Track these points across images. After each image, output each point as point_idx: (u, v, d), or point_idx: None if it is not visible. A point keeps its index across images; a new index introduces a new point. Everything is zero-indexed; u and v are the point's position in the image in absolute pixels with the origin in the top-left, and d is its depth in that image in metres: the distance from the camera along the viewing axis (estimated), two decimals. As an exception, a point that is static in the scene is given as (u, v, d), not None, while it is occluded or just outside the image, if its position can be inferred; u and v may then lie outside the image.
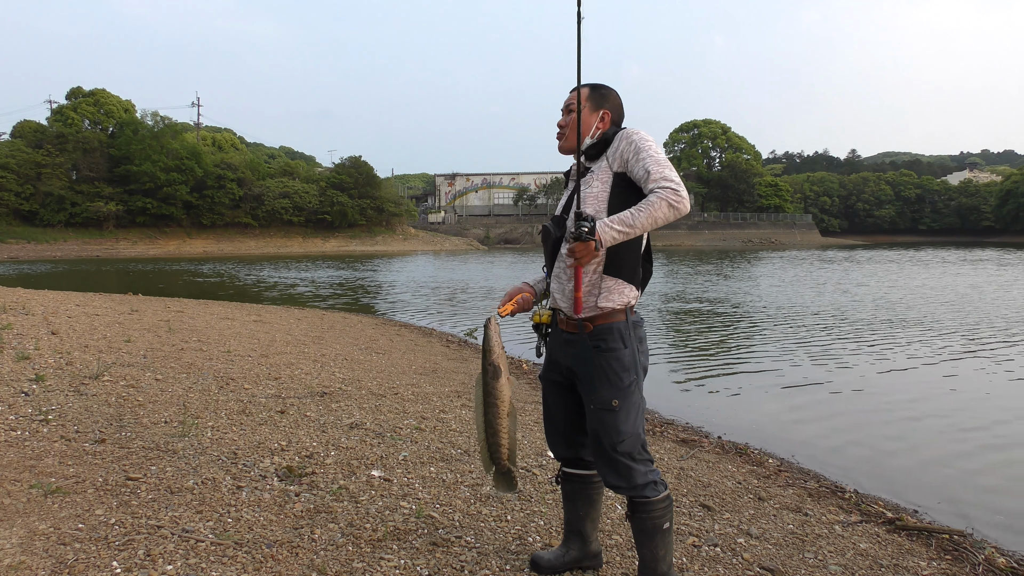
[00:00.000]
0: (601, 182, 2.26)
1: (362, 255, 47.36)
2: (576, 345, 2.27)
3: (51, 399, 4.46)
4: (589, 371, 2.23)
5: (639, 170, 2.16)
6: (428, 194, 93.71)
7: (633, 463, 2.22)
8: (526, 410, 5.38)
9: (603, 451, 2.24)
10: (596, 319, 2.23)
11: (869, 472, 4.57)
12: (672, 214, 2.09)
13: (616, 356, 2.21)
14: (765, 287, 19.65)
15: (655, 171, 2.12)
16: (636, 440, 2.23)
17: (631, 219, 2.10)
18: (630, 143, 2.22)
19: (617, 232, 2.10)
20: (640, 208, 2.10)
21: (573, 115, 2.34)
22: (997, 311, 13.22)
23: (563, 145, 2.40)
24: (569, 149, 2.38)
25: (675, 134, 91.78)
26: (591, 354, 2.22)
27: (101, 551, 2.45)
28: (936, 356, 8.70)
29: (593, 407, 2.23)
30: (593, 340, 2.22)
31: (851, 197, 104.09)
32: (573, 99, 2.36)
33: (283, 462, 3.57)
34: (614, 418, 2.20)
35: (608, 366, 2.21)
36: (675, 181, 2.11)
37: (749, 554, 2.91)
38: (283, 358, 7.01)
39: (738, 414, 6.06)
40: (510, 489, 2.42)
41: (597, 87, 2.38)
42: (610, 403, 2.20)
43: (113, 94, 63.16)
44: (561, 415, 2.43)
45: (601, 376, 2.21)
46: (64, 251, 48.14)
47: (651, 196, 2.10)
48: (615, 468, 2.23)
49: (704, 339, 10.35)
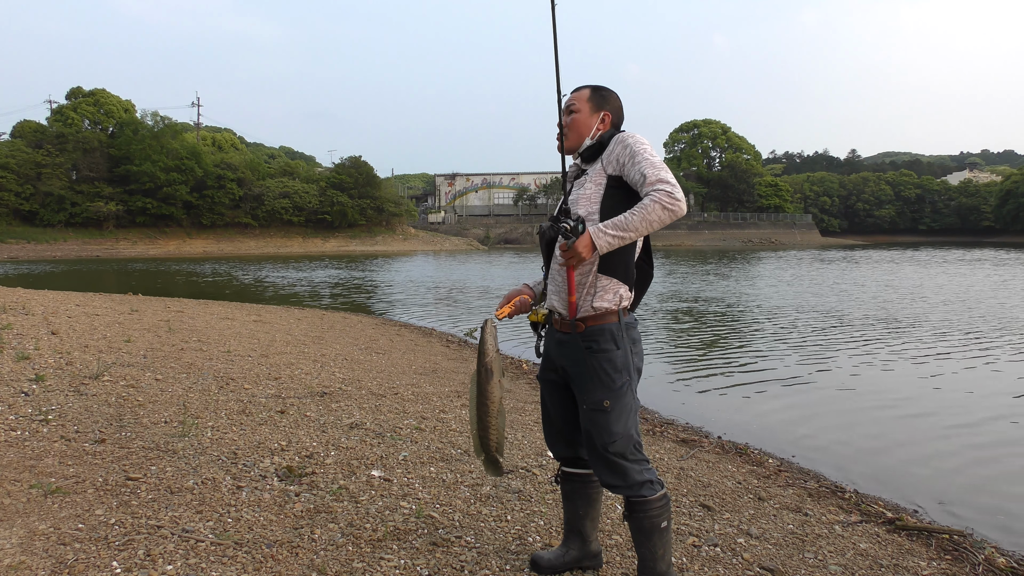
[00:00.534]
0: (595, 184, 2.27)
1: (362, 255, 47.35)
2: (569, 345, 2.28)
3: (51, 399, 4.46)
4: (581, 371, 2.25)
5: (635, 174, 2.16)
6: (428, 194, 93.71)
7: (627, 463, 2.23)
8: (526, 410, 5.38)
9: (596, 451, 2.26)
10: (588, 320, 2.23)
11: (869, 472, 4.57)
12: (667, 216, 2.08)
13: (608, 357, 2.22)
14: (764, 287, 19.65)
15: (651, 174, 2.12)
16: (628, 441, 2.23)
17: (625, 222, 2.09)
18: (625, 147, 2.22)
19: (612, 236, 2.10)
20: (634, 211, 2.10)
21: (574, 116, 2.35)
22: (998, 311, 13.22)
23: (563, 145, 2.40)
24: (570, 149, 2.39)
25: (675, 134, 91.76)
26: (583, 355, 2.23)
27: (101, 551, 2.45)
28: (936, 356, 8.70)
29: (586, 407, 2.25)
30: (585, 341, 2.23)
31: (851, 197, 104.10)
32: (574, 100, 2.37)
33: (283, 462, 3.57)
34: (605, 418, 2.21)
35: (600, 367, 2.21)
36: (671, 183, 2.10)
37: (749, 554, 2.91)
38: (283, 358, 7.01)
39: (738, 414, 6.06)
40: (497, 473, 2.49)
41: (598, 88, 2.39)
42: (602, 404, 2.21)
43: (113, 94, 63.18)
44: (559, 414, 2.44)
45: (593, 377, 2.22)
46: (64, 251, 48.13)
47: (645, 199, 2.10)
48: (610, 467, 2.25)
49: (703, 339, 10.35)
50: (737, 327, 11.58)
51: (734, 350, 9.33)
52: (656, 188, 2.09)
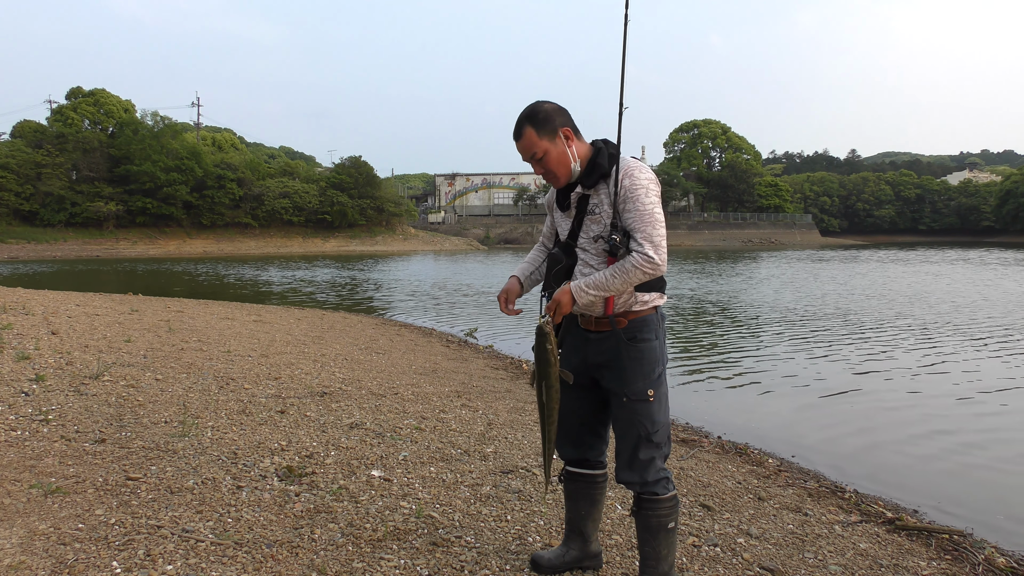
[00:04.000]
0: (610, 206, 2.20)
1: (362, 255, 47.35)
2: (605, 341, 2.26)
3: (51, 399, 4.46)
4: (622, 364, 2.24)
5: (627, 219, 2.16)
6: (428, 194, 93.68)
7: (659, 453, 2.26)
8: (526, 410, 5.38)
9: (633, 442, 2.25)
10: (629, 314, 2.25)
11: (869, 472, 4.58)
12: (647, 278, 2.15)
13: (650, 347, 2.25)
14: (764, 287, 19.65)
15: (640, 231, 2.13)
16: (667, 429, 2.29)
17: (606, 283, 2.15)
18: (624, 188, 2.17)
19: (592, 296, 2.16)
20: (615, 274, 2.14)
21: (545, 159, 2.23)
22: (1000, 311, 13.22)
23: (560, 183, 2.30)
24: (568, 180, 2.29)
25: (675, 134, 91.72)
26: (625, 347, 2.23)
27: (101, 551, 2.45)
28: (936, 356, 8.70)
29: (626, 399, 2.24)
30: (628, 333, 2.24)
31: (851, 197, 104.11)
32: (529, 147, 2.22)
33: (283, 462, 3.57)
34: (649, 408, 2.23)
35: (643, 356, 2.23)
36: (654, 244, 2.11)
37: (749, 554, 2.91)
38: (283, 358, 7.01)
39: (738, 414, 6.06)
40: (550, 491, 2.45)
41: (533, 117, 2.21)
42: (645, 393, 2.23)
43: (113, 94, 63.12)
44: (576, 416, 2.42)
45: (635, 367, 2.23)
46: (64, 251, 48.13)
47: (627, 261, 2.13)
48: (639, 460, 2.25)
49: (703, 339, 10.35)
50: (737, 327, 11.58)
51: (733, 350, 9.33)
52: (639, 250, 2.11)
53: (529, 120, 2.21)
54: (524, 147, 2.23)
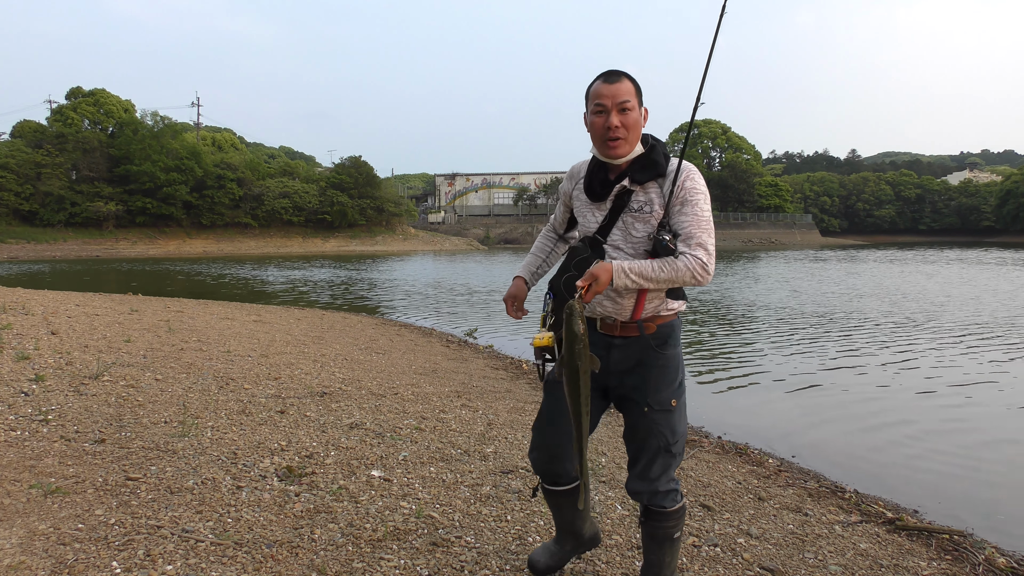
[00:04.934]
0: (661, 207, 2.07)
1: (362, 255, 47.35)
2: (630, 348, 2.15)
3: (51, 399, 4.46)
4: (647, 372, 2.14)
5: (681, 222, 2.05)
6: (428, 194, 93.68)
7: (673, 463, 2.18)
8: (526, 410, 5.38)
9: (651, 454, 2.16)
10: (657, 319, 2.16)
11: (869, 472, 4.57)
12: (693, 283, 2.03)
13: (675, 354, 2.18)
14: (763, 287, 19.65)
15: (696, 236, 2.03)
16: (685, 439, 2.22)
17: (652, 274, 2.01)
18: (684, 189, 2.05)
19: (631, 282, 2.01)
20: (664, 267, 2.01)
21: (629, 114, 2.06)
22: (1002, 310, 13.22)
23: (620, 151, 2.09)
24: (627, 153, 2.10)
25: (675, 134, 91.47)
26: (652, 354, 2.14)
27: (101, 551, 2.45)
28: (936, 356, 8.70)
29: (648, 409, 2.14)
30: (656, 339, 2.15)
31: (851, 197, 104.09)
32: (625, 94, 2.05)
33: (283, 462, 3.57)
34: (670, 418, 2.16)
35: (668, 364, 2.16)
36: (708, 252, 2.02)
37: (749, 554, 2.91)
38: (283, 358, 7.01)
39: (738, 414, 6.06)
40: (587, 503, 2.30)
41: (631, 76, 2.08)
42: (669, 403, 2.15)
43: (113, 94, 63.14)
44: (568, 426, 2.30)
45: (661, 375, 2.15)
46: (64, 251, 48.13)
47: (680, 260, 2.01)
48: (648, 472, 2.17)
49: (703, 339, 10.34)
50: (736, 327, 11.57)
51: (733, 351, 9.33)
52: (695, 254, 2.01)
53: (629, 75, 2.09)
54: (617, 91, 2.05)
